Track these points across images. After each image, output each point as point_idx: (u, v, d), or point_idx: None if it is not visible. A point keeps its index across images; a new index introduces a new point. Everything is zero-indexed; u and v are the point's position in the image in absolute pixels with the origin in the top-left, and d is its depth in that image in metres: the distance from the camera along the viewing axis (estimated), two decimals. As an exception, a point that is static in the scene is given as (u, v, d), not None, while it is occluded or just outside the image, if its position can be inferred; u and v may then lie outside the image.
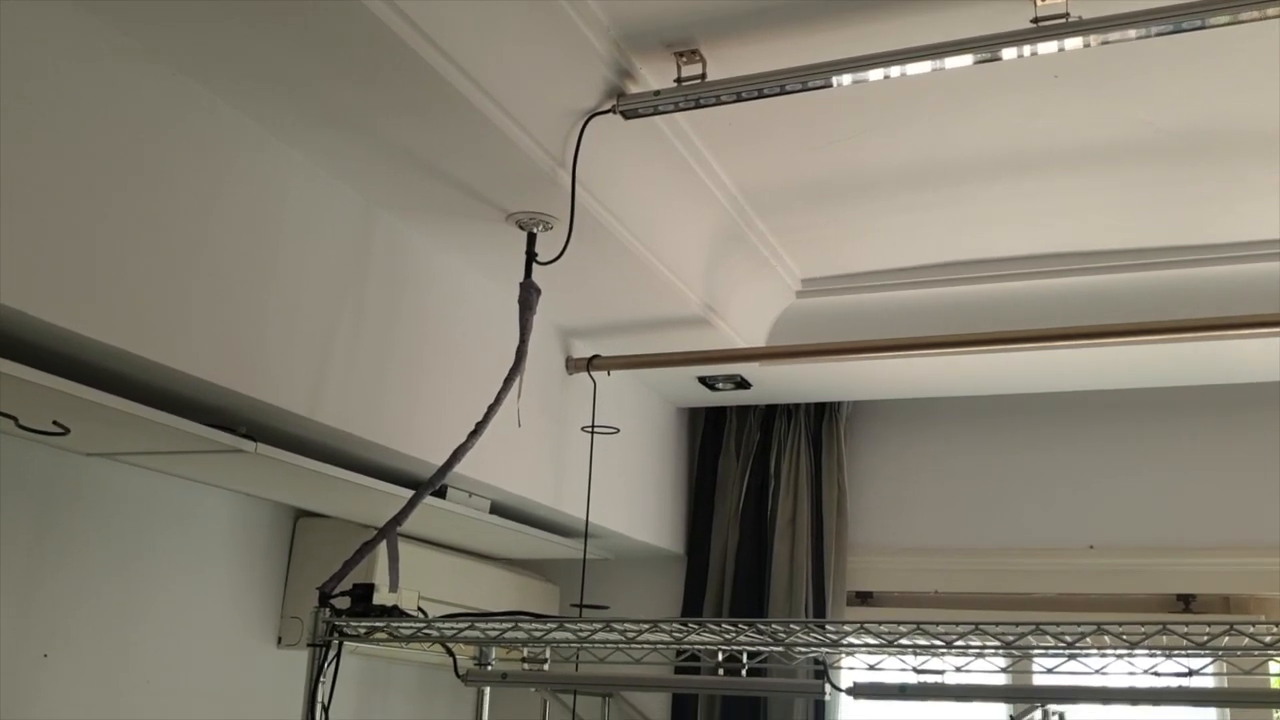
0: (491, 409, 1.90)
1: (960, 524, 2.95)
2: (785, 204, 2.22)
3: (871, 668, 1.60)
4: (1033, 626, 1.41)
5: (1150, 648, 1.39)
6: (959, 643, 1.45)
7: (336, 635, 1.62)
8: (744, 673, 1.79)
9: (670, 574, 3.12)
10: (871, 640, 1.50)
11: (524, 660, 2.07)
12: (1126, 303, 2.38)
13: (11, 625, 1.81)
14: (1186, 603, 2.76)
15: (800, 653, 1.60)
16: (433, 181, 1.85)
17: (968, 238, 2.32)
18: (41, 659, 1.86)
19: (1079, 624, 1.41)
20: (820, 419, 3.03)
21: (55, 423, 1.48)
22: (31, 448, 1.85)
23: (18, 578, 1.83)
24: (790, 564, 2.94)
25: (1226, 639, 1.37)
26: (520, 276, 2.01)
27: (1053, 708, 2.29)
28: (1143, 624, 1.39)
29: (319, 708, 1.57)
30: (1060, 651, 1.44)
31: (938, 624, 1.44)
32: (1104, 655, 1.48)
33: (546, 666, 2.06)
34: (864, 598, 2.99)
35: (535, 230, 2.00)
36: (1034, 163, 2.01)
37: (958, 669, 1.61)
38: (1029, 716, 2.37)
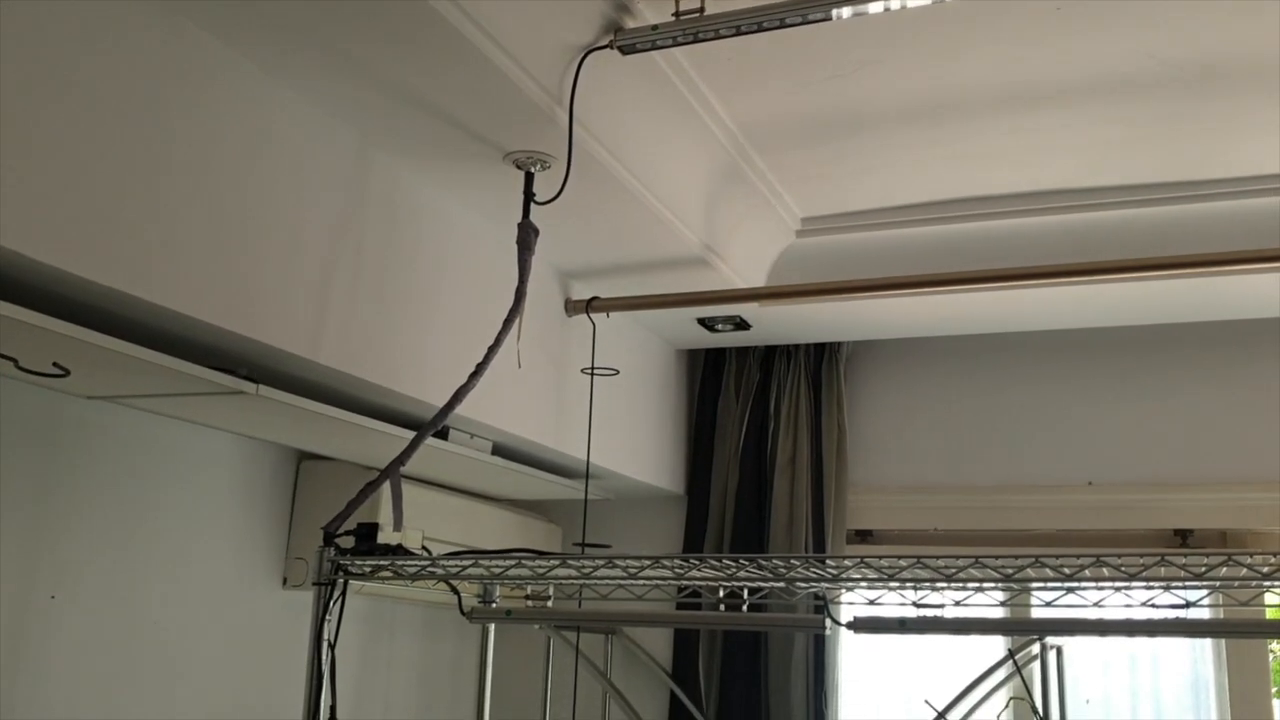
0: (491, 350, 1.90)
1: (959, 462, 2.96)
2: (785, 141, 2.20)
3: (871, 603, 1.62)
4: (1032, 559, 1.43)
5: (1149, 579, 1.40)
6: (959, 576, 1.47)
7: (341, 574, 1.64)
8: (745, 608, 1.81)
9: (671, 514, 3.15)
10: (871, 574, 1.51)
11: (528, 598, 2.09)
12: (1127, 239, 2.37)
13: (18, 567, 1.83)
14: (1184, 538, 2.78)
15: (801, 588, 1.61)
16: (429, 120, 1.83)
17: (968, 174, 2.31)
18: (49, 600, 1.88)
19: (1078, 556, 1.43)
20: (820, 359, 3.03)
21: (55, 364, 1.48)
22: (33, 391, 1.85)
23: (22, 521, 1.84)
24: (790, 503, 2.96)
25: (1225, 570, 1.39)
26: (518, 217, 2.00)
27: (1050, 641, 2.32)
28: (1141, 555, 1.40)
29: (325, 645, 1.59)
30: (1059, 585, 1.45)
31: (938, 557, 1.45)
32: (1102, 589, 1.50)
33: (550, 604, 2.08)
34: (863, 536, 3.01)
35: (533, 170, 1.98)
36: (1035, 97, 1.99)
37: (957, 603, 1.62)
38: (1027, 651, 2.41)
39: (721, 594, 1.82)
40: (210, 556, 2.21)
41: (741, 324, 2.80)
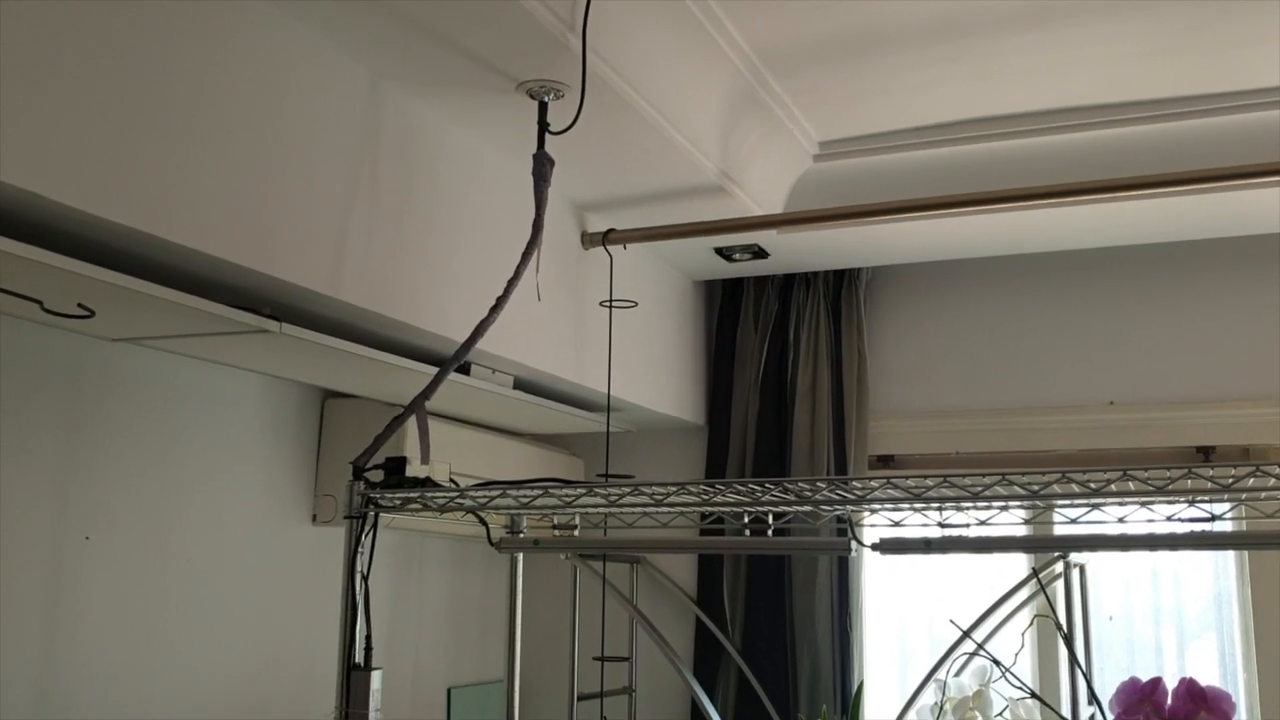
0: (511, 283, 1.90)
1: (980, 385, 2.96)
2: (800, 63, 2.17)
3: (896, 524, 1.63)
4: (1059, 475, 1.43)
5: (1175, 492, 1.41)
6: (985, 494, 1.47)
7: (372, 507, 1.66)
8: (770, 534, 1.82)
9: (692, 445, 3.16)
10: (897, 494, 1.52)
11: (554, 528, 2.11)
12: (1149, 154, 2.34)
13: (52, 509, 1.86)
14: (1206, 455, 2.78)
15: (826, 510, 1.62)
16: (440, 51, 1.82)
17: (986, 93, 2.28)
18: (84, 541, 1.91)
19: (1104, 471, 1.43)
20: (839, 286, 3.02)
21: (80, 305, 1.49)
22: (58, 335, 1.87)
23: (54, 463, 1.86)
24: (811, 431, 2.97)
25: (1251, 480, 1.39)
26: (533, 148, 1.98)
27: (1074, 559, 2.34)
28: (1168, 469, 1.40)
29: (359, 577, 1.61)
30: (1085, 500, 1.46)
31: (964, 474, 1.46)
32: (1126, 504, 1.50)
33: (576, 534, 2.10)
34: (885, 461, 3.02)
35: (546, 99, 1.96)
36: (1054, 13, 1.95)
37: (981, 523, 1.63)
38: (1050, 570, 2.42)
39: (746, 519, 1.83)
40: (240, 495, 2.24)
41: (759, 253, 2.78)
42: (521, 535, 1.93)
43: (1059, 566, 2.36)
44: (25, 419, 1.82)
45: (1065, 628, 2.28)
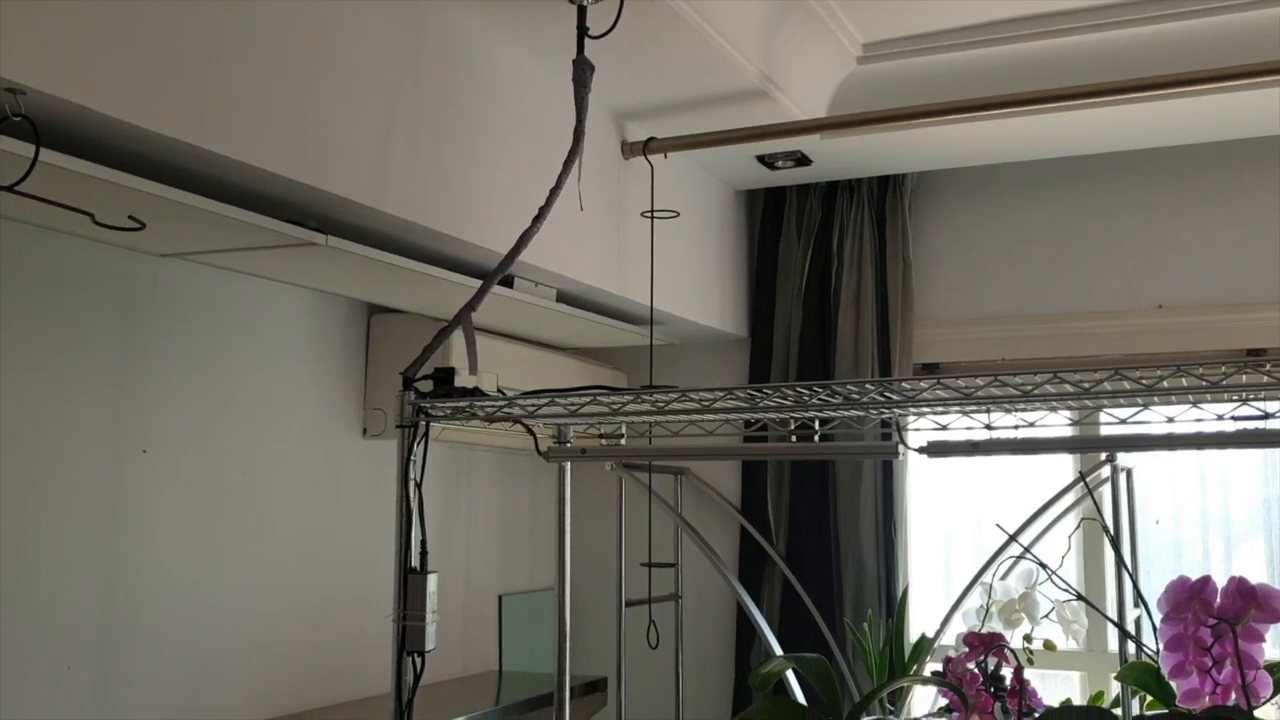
0: (553, 192, 1.89)
1: (1027, 290, 2.93)
2: (844, -38, 2.12)
3: (943, 428, 1.63)
4: (1111, 371, 1.41)
5: (1229, 388, 1.39)
6: (1036, 393, 1.46)
7: (423, 417, 1.68)
8: (816, 439, 1.83)
9: (734, 357, 3.16)
10: (945, 394, 1.51)
11: (600, 437, 2.13)
12: (1192, 51, 2.26)
13: (109, 423, 1.90)
14: (1257, 357, 2.74)
15: (874, 414, 1.62)
16: (478, -44, 1.79)
17: (1036, -12, 2.21)
18: (141, 454, 1.95)
19: (1158, 368, 1.41)
20: (883, 193, 2.98)
21: (131, 217, 1.50)
22: (107, 252, 1.89)
23: (109, 378, 1.90)
24: (855, 341, 2.96)
25: (1309, 375, 1.36)
26: (573, 54, 1.95)
27: (1121, 463, 2.33)
28: (1222, 364, 1.38)
29: (412, 484, 1.64)
30: (1138, 395, 1.44)
31: (1015, 373, 1.45)
32: (1177, 403, 1.49)
33: (623, 442, 2.12)
34: (931, 370, 3.01)
35: (585, 3, 1.93)
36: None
37: (1029, 424, 1.63)
38: (1097, 474, 2.42)
39: (792, 425, 1.84)
40: (291, 409, 2.27)
41: (802, 160, 2.75)
42: (569, 445, 1.95)
43: (1106, 470, 2.35)
44: (81, 336, 1.85)
45: (1112, 530, 2.28)
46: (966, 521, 3.03)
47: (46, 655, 1.78)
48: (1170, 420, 1.47)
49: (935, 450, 1.60)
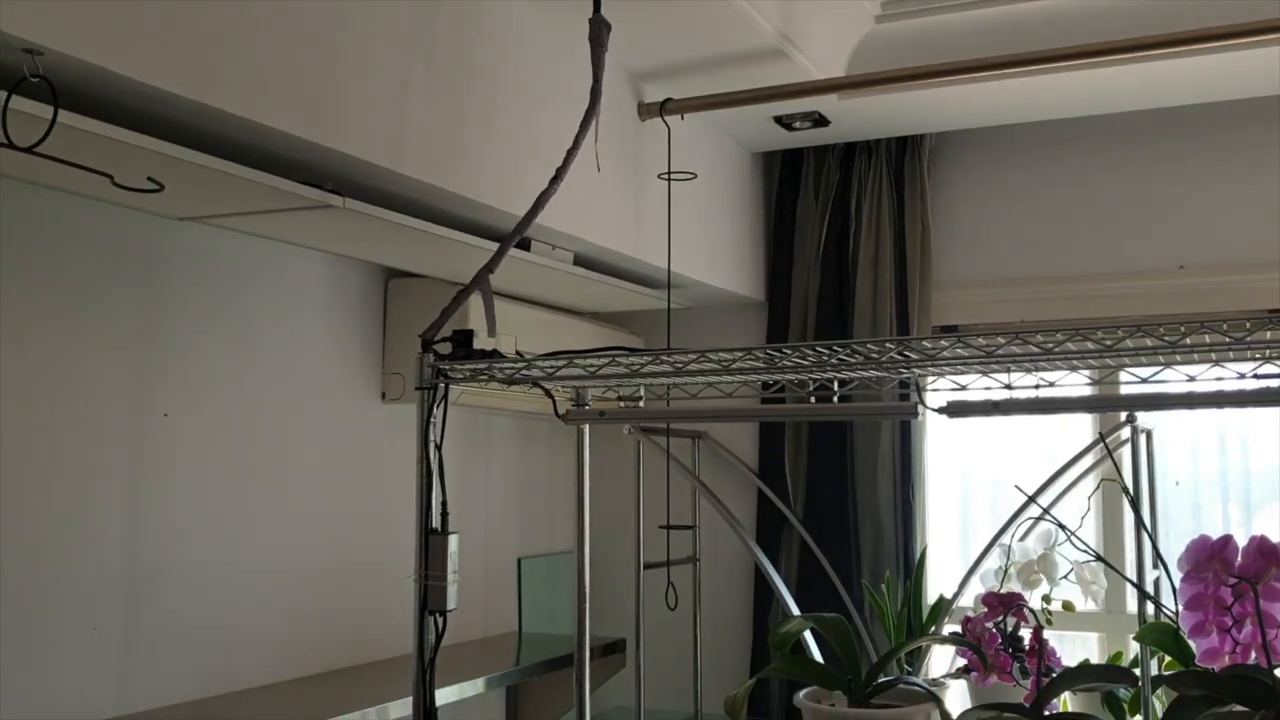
0: (570, 153, 1.88)
1: (1046, 252, 2.91)
2: (863, -83, 2.09)
3: (962, 388, 1.62)
4: (1134, 328, 1.40)
5: (1254, 344, 1.38)
6: (1058, 350, 1.45)
7: (442, 379, 1.68)
8: (836, 399, 1.82)
9: (752, 321, 3.16)
10: (965, 353, 1.51)
11: (619, 400, 2.13)
12: (1222, 4, 2.23)
13: (131, 387, 1.91)
14: (1280, 316, 2.72)
15: (893, 374, 1.61)
16: (493, -86, 1.77)
17: (1059, -58, 2.18)
18: (163, 418, 1.96)
19: (1180, 324, 1.40)
20: (902, 155, 2.96)
21: (150, 179, 1.50)
22: (126, 216, 1.89)
23: (130, 341, 1.91)
24: (874, 303, 2.95)
25: (1336, 330, 1.35)
26: (588, 13, 1.94)
27: (1141, 424, 2.32)
28: (1246, 319, 1.37)
29: (432, 446, 1.65)
30: (1160, 352, 1.43)
31: (1036, 332, 1.44)
32: (1199, 361, 1.47)
33: (641, 405, 2.12)
34: (950, 331, 3.00)
35: (602, -38, 1.91)
36: None
37: (1051, 384, 1.62)
38: (1116, 435, 2.41)
39: (811, 387, 1.83)
40: (310, 372, 2.28)
41: (820, 120, 2.72)
42: (587, 407, 1.95)
43: (1126, 432, 2.34)
44: (103, 300, 1.86)
45: (1132, 491, 2.27)
46: (984, 483, 3.02)
47: (72, 618, 1.80)
48: (1191, 379, 1.46)
49: (955, 410, 1.59)
